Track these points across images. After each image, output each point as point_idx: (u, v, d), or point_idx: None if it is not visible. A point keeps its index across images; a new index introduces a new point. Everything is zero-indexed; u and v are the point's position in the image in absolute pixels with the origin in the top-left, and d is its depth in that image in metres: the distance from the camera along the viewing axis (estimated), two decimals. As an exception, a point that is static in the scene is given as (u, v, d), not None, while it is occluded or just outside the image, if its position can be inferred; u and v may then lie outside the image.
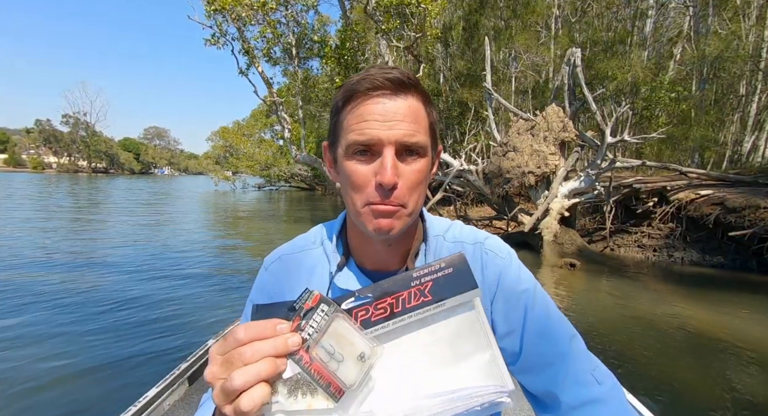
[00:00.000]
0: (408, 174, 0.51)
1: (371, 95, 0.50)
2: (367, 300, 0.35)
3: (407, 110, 0.50)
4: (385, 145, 0.49)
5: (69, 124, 73.26)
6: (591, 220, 9.65)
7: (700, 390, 2.87)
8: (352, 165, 0.51)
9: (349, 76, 2.69)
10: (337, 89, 0.54)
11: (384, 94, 0.50)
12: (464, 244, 0.64)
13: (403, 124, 0.49)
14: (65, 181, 36.81)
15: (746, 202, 6.44)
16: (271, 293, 0.65)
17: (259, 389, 0.33)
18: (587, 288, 5.73)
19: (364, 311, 0.35)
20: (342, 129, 0.53)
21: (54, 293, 4.50)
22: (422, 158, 0.52)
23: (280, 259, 0.67)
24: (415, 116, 0.50)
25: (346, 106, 0.52)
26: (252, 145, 32.22)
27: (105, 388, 2.64)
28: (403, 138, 0.49)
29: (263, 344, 0.34)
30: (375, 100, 0.49)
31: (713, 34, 11.75)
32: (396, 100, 0.50)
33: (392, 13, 9.23)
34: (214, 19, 9.34)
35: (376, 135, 0.49)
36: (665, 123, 11.43)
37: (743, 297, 5.09)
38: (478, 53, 14.56)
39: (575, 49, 7.92)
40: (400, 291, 0.35)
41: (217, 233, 10.34)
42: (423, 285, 0.35)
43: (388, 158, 0.49)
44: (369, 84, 0.49)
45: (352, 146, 0.50)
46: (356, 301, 0.35)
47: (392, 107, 0.49)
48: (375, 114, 0.49)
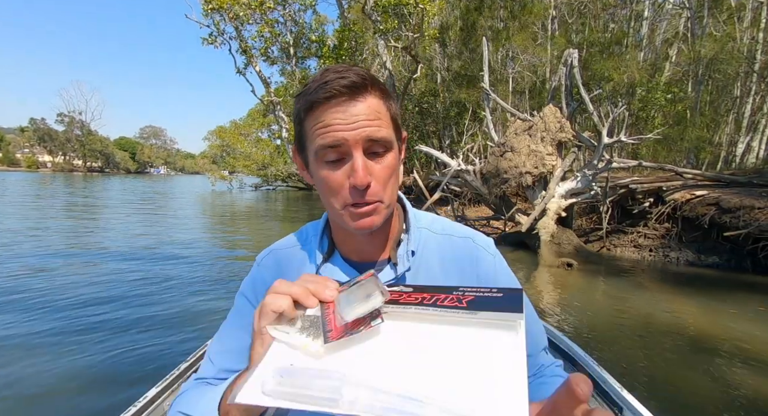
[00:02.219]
0: (379, 171, 0.53)
1: (331, 103, 0.51)
2: (408, 289, 0.38)
3: (368, 110, 0.51)
4: (352, 145, 0.51)
5: (64, 122, 72.75)
6: (588, 220, 9.70)
7: (696, 389, 2.89)
8: (325, 172, 0.53)
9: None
10: (296, 96, 0.55)
11: (343, 101, 0.50)
12: (454, 237, 0.66)
13: (366, 122, 0.51)
14: (60, 180, 36.52)
15: (741, 202, 6.50)
16: (263, 287, 0.67)
17: (283, 298, 0.42)
18: (584, 287, 5.75)
19: (398, 294, 0.37)
20: (307, 137, 0.54)
21: (51, 293, 4.46)
22: (390, 152, 0.54)
23: (271, 255, 0.71)
24: (376, 114, 0.52)
25: (308, 115, 0.53)
26: (249, 145, 32.14)
27: (104, 388, 2.62)
28: (368, 136, 0.51)
29: (310, 283, 0.43)
30: (335, 108, 0.51)
31: (708, 35, 11.85)
32: (356, 104, 0.51)
33: (390, 13, 9.23)
34: (211, 18, 9.32)
35: (342, 136, 0.50)
36: (661, 124, 11.51)
37: (738, 297, 5.14)
38: (476, 53, 14.60)
39: (572, 50, 7.96)
40: (440, 293, 0.36)
41: (215, 233, 10.29)
42: (464, 295, 0.35)
43: (358, 160, 0.51)
44: (326, 93, 0.50)
45: (320, 151, 0.52)
46: (397, 287, 0.39)
47: (353, 111, 0.51)
48: (337, 119, 0.50)
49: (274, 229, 11.23)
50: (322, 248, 0.66)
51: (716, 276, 6.39)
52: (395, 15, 9.39)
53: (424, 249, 0.65)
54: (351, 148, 0.51)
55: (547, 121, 7.89)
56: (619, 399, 1.36)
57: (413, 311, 0.34)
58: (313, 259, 0.66)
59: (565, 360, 1.66)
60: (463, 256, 0.64)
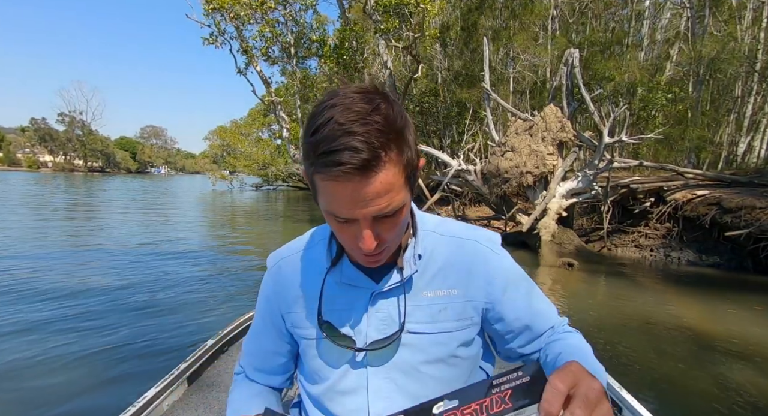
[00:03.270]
0: (387, 231, 0.53)
1: (339, 182, 0.46)
2: (454, 405, 0.38)
3: (380, 188, 0.47)
4: (360, 220, 0.50)
5: (65, 122, 72.83)
6: (588, 220, 9.69)
7: (697, 389, 2.89)
8: (333, 223, 0.54)
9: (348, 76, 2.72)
10: (303, 138, 0.50)
11: (354, 182, 0.46)
12: (459, 239, 0.67)
13: (376, 200, 0.48)
14: (61, 180, 36.58)
15: (742, 202, 6.49)
16: (275, 292, 0.71)
17: None
18: (585, 287, 5.75)
19: (452, 414, 0.38)
20: (316, 189, 0.52)
21: (50, 293, 4.47)
22: (401, 211, 0.53)
23: (281, 261, 0.72)
24: (388, 188, 0.48)
25: (315, 175, 0.49)
26: (249, 145, 32.16)
27: (103, 388, 2.63)
28: (378, 212, 0.49)
29: None
30: (344, 185, 0.46)
31: (709, 35, 11.82)
32: (368, 182, 0.46)
33: (391, 13, 9.23)
34: (212, 18, 9.32)
35: (350, 213, 0.49)
36: (662, 123, 11.50)
37: (739, 297, 5.13)
38: (477, 53, 14.58)
39: (573, 50, 7.95)
40: (482, 398, 0.38)
41: (215, 233, 10.30)
42: (503, 392, 0.37)
43: (365, 229, 0.50)
44: (336, 173, 0.45)
45: (328, 213, 0.52)
46: (445, 407, 0.39)
47: (363, 191, 0.47)
48: (346, 196, 0.47)
49: (275, 229, 11.23)
50: (330, 253, 0.67)
51: (717, 276, 6.38)
52: (396, 15, 9.39)
53: (432, 251, 0.66)
54: (359, 220, 0.50)
55: (547, 120, 7.88)
56: (619, 399, 1.36)
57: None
58: (320, 264, 0.67)
59: None
60: (469, 258, 0.65)
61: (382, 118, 0.46)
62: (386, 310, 0.63)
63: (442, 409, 0.38)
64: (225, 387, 1.61)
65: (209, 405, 1.52)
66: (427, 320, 0.63)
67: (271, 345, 0.73)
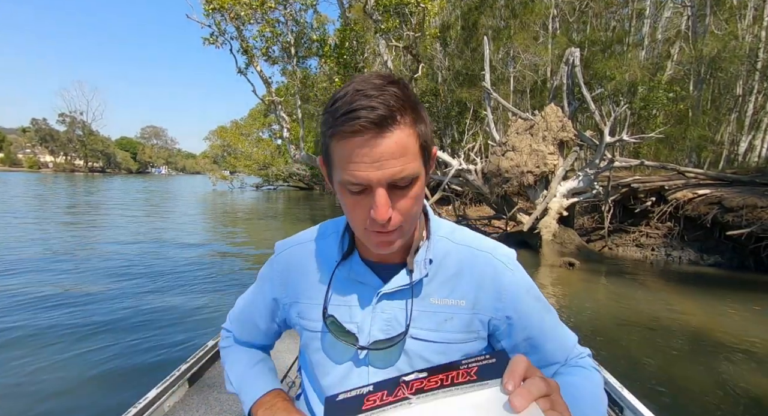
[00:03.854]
0: (402, 203, 0.53)
1: (356, 139, 0.49)
2: (422, 374, 0.43)
3: (395, 147, 0.49)
4: (375, 185, 0.50)
5: (65, 123, 72.89)
6: (589, 220, 9.68)
7: (698, 388, 2.88)
8: (348, 198, 0.54)
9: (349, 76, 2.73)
10: (324, 111, 0.53)
11: (370, 136, 0.48)
12: (473, 249, 0.66)
13: (392, 161, 0.49)
14: (61, 181, 36.63)
15: (743, 201, 6.48)
16: (282, 277, 0.71)
17: None
18: (586, 287, 5.74)
19: (420, 382, 0.42)
20: (332, 160, 0.53)
21: (50, 293, 4.47)
22: (415, 183, 0.53)
23: (290, 248, 0.72)
24: (403, 149, 0.50)
25: (332, 141, 0.51)
26: (250, 145, 32.15)
27: (104, 389, 2.63)
28: (392, 176, 0.50)
29: None
30: (361, 142, 0.49)
31: (710, 34, 11.80)
32: (383, 139, 0.49)
33: (391, 12, 9.22)
34: (212, 18, 9.30)
35: (366, 177, 0.49)
36: (663, 123, 11.47)
37: (740, 296, 5.12)
38: (477, 53, 14.57)
39: (573, 49, 7.94)
40: (450, 371, 0.42)
41: (216, 233, 10.31)
42: (470, 368, 0.41)
43: (380, 197, 0.50)
44: (353, 127, 0.48)
45: (344, 183, 0.52)
46: (412, 375, 0.43)
47: (379, 148, 0.48)
48: (362, 155, 0.49)
49: (276, 229, 11.24)
50: (342, 246, 0.67)
51: (719, 276, 6.37)
52: (396, 14, 9.37)
53: (443, 258, 0.64)
54: (374, 186, 0.50)
55: (548, 120, 7.87)
56: (620, 398, 1.36)
57: (440, 394, 0.40)
58: (331, 256, 0.67)
59: None
60: (481, 270, 0.64)
61: (398, 89, 0.50)
62: (392, 311, 0.62)
63: (411, 378, 0.43)
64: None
65: (210, 405, 1.52)
66: (432, 328, 0.62)
67: (261, 323, 0.76)
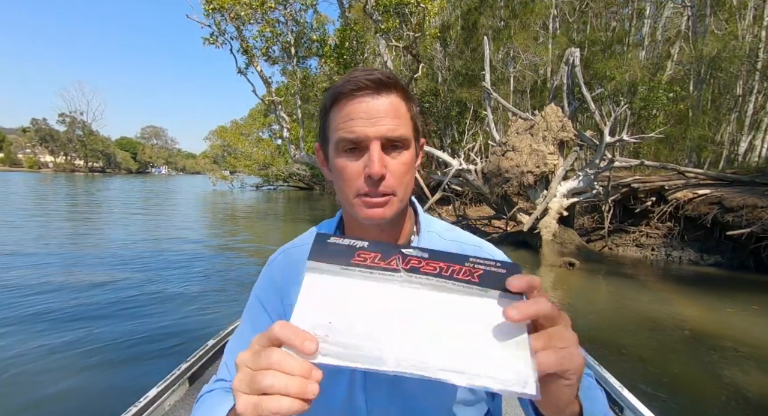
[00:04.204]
0: (395, 166, 0.55)
1: (356, 95, 0.54)
2: (424, 254, 0.38)
3: (389, 107, 0.55)
4: (371, 140, 0.53)
5: (65, 123, 72.93)
6: (589, 220, 9.68)
7: (698, 388, 2.88)
8: (343, 161, 0.56)
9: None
10: (324, 91, 0.59)
11: (367, 94, 0.54)
12: (461, 243, 0.67)
13: (386, 119, 0.53)
14: (62, 181, 36.62)
15: (743, 201, 6.47)
16: (277, 284, 0.69)
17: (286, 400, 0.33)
18: (586, 287, 5.74)
19: (417, 261, 0.38)
20: (330, 128, 0.57)
21: (52, 293, 4.47)
22: (406, 150, 0.57)
23: (284, 253, 0.72)
24: (396, 112, 0.55)
25: (333, 106, 0.56)
26: (250, 145, 32.15)
27: (105, 388, 2.63)
28: (387, 133, 0.53)
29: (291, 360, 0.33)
30: (359, 100, 0.54)
31: (710, 34, 11.79)
32: (378, 98, 0.54)
33: (391, 12, 9.22)
34: (212, 18, 9.31)
35: (362, 132, 0.53)
36: (663, 123, 11.47)
37: (741, 296, 5.12)
38: (477, 53, 14.57)
39: (574, 49, 7.94)
40: (454, 263, 0.37)
41: (216, 233, 10.31)
42: (475, 268, 0.37)
43: (375, 152, 0.53)
44: (353, 85, 0.53)
45: (340, 143, 0.55)
46: (414, 251, 0.39)
47: (375, 105, 0.54)
48: (360, 112, 0.53)
49: (276, 229, 11.24)
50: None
51: (719, 276, 6.37)
52: (396, 14, 9.37)
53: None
54: (369, 142, 0.53)
55: (548, 120, 7.87)
56: (620, 398, 1.36)
57: (434, 282, 0.37)
58: None
59: None
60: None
61: (393, 74, 0.56)
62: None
63: (410, 251, 0.39)
64: (226, 387, 1.61)
65: None
66: None
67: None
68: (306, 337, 0.34)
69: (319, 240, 0.40)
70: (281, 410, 0.32)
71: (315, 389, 0.33)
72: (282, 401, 0.32)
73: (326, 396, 0.61)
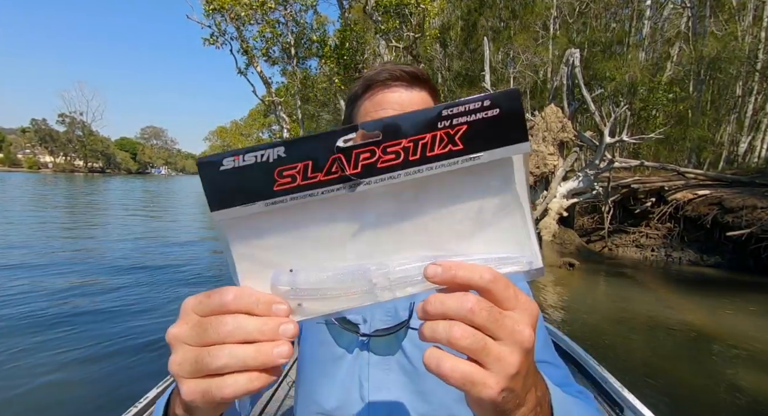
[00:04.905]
0: None
1: (389, 85, 0.55)
2: (376, 135, 0.25)
3: (421, 101, 0.56)
4: None
5: (65, 123, 73.01)
6: (589, 220, 9.68)
7: (698, 388, 2.88)
8: None
9: (349, 76, 2.79)
10: (352, 80, 0.58)
11: (401, 85, 0.55)
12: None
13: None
14: (61, 181, 36.62)
15: (743, 202, 6.48)
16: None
17: (243, 378, 0.25)
18: (586, 287, 5.74)
19: (369, 153, 0.25)
20: (360, 115, 0.58)
21: (52, 294, 4.47)
22: None
23: None
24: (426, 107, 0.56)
25: (365, 93, 0.57)
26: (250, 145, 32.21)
27: (105, 389, 2.63)
28: None
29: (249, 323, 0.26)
30: (392, 89, 0.55)
31: (710, 34, 11.81)
32: (411, 92, 0.55)
33: (391, 13, 9.24)
34: (212, 19, 9.34)
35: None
36: (662, 123, 11.48)
37: (740, 297, 5.12)
38: (477, 53, 14.59)
39: (574, 50, 7.95)
40: (421, 133, 0.25)
41: (216, 233, 10.30)
42: (454, 128, 0.25)
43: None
44: (388, 75, 0.55)
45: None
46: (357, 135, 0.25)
47: (407, 97, 0.55)
48: (392, 102, 0.55)
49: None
50: None
51: (718, 276, 6.37)
52: (396, 15, 9.39)
53: None
54: None
55: (548, 120, 7.88)
56: (621, 398, 1.36)
57: (402, 179, 0.25)
58: None
59: (567, 361, 1.65)
60: None
61: (426, 72, 0.57)
62: (392, 302, 0.62)
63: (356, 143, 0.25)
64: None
65: None
66: None
67: None
68: (273, 300, 0.26)
69: (208, 172, 0.27)
70: (237, 392, 0.25)
71: (285, 351, 0.25)
72: (239, 380, 0.25)
73: (325, 390, 0.62)
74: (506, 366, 0.25)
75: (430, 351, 0.25)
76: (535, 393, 0.29)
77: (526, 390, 0.27)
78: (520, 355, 0.25)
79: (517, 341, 0.25)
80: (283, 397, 1.63)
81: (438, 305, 0.25)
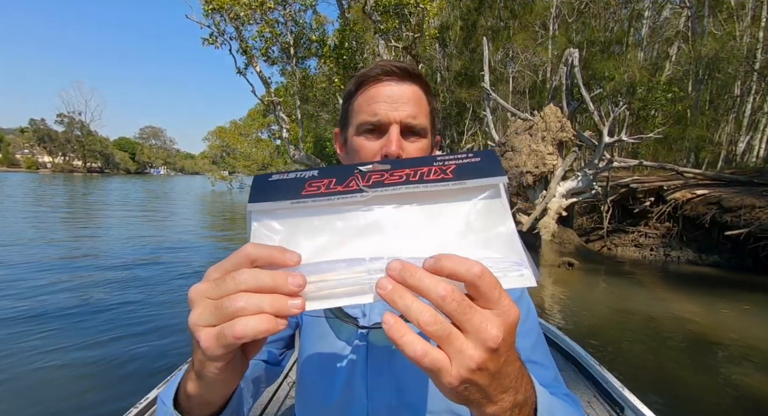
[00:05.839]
0: (411, 151, 0.58)
1: (382, 79, 0.57)
2: (385, 166, 0.33)
3: (411, 95, 0.58)
4: (392, 123, 0.56)
5: (64, 123, 72.84)
6: (588, 220, 9.69)
7: (697, 388, 2.89)
8: (362, 141, 0.58)
9: (348, 76, 2.80)
10: (350, 79, 0.62)
11: (392, 79, 0.57)
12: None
13: (408, 106, 0.56)
14: (60, 181, 36.53)
15: (742, 201, 6.49)
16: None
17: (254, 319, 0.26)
18: (585, 287, 5.75)
19: (379, 175, 0.33)
20: (354, 111, 0.60)
21: (54, 294, 4.46)
22: (423, 139, 0.59)
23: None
24: (418, 101, 0.58)
25: (358, 89, 0.59)
26: (249, 145, 32.17)
27: (106, 389, 2.62)
28: (406, 118, 0.56)
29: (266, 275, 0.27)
30: (384, 84, 0.57)
31: (709, 34, 11.83)
32: (402, 86, 0.57)
33: (391, 13, 9.23)
34: (212, 19, 9.31)
35: (384, 114, 0.56)
36: (661, 123, 11.49)
37: (739, 296, 5.13)
38: (476, 53, 14.59)
39: (573, 50, 7.95)
40: (421, 166, 0.33)
41: (216, 233, 10.30)
42: (446, 165, 0.33)
43: (393, 133, 0.56)
44: (380, 70, 0.57)
45: (362, 125, 0.58)
46: (372, 166, 0.34)
47: (398, 91, 0.57)
48: (384, 96, 0.56)
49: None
50: None
51: (717, 276, 6.38)
52: (396, 15, 9.38)
53: None
54: (390, 125, 0.56)
55: (547, 120, 7.88)
56: (621, 398, 1.36)
57: (403, 190, 0.32)
58: None
59: (567, 361, 1.65)
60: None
61: (418, 69, 0.59)
62: None
63: (370, 169, 0.33)
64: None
65: None
66: None
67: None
68: (286, 251, 0.28)
69: (258, 181, 0.34)
70: (247, 331, 0.26)
71: (298, 303, 0.27)
72: (250, 320, 0.26)
73: (325, 384, 0.62)
74: (466, 360, 0.25)
75: (408, 336, 0.26)
76: (515, 395, 0.30)
77: (501, 389, 0.28)
78: (483, 352, 0.26)
79: (481, 338, 0.25)
80: (283, 397, 1.63)
81: (416, 279, 0.26)
